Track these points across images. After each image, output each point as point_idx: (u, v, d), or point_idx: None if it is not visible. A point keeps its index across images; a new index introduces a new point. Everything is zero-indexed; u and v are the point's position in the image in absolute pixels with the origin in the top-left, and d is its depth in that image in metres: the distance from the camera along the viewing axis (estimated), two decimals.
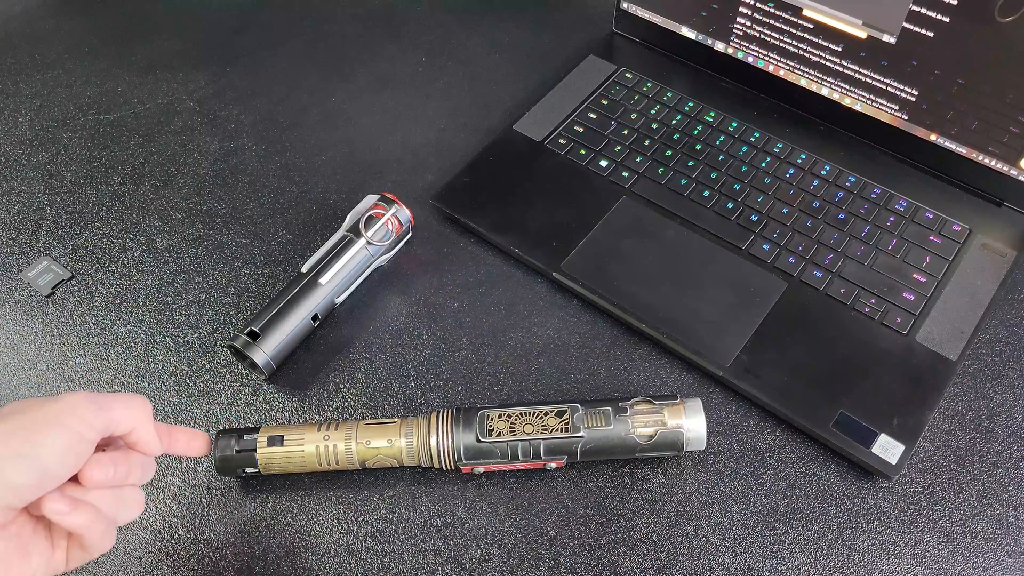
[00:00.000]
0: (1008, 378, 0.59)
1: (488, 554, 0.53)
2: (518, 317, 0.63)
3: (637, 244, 0.65)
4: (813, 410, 0.56)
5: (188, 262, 0.68)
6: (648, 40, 0.79)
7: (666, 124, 0.73)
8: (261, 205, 0.71)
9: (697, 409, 0.53)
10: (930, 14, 0.60)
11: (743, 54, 0.73)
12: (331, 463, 0.53)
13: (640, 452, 0.53)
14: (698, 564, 0.52)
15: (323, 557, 0.53)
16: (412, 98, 0.79)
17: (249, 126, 0.78)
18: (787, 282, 0.62)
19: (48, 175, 0.74)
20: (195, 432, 0.49)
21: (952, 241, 0.64)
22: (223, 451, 0.53)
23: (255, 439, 0.53)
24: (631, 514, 0.54)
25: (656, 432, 0.53)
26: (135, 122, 0.78)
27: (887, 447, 0.54)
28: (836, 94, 0.70)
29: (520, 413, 0.53)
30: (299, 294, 0.60)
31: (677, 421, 0.53)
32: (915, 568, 0.51)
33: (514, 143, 0.72)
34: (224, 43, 0.85)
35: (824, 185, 0.68)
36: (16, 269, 0.68)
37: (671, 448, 0.53)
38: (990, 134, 0.63)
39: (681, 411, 0.53)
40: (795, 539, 0.53)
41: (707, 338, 0.59)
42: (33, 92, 0.81)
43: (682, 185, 0.68)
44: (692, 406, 0.53)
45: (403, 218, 0.65)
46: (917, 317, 0.60)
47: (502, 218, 0.67)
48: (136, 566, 0.53)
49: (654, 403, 0.54)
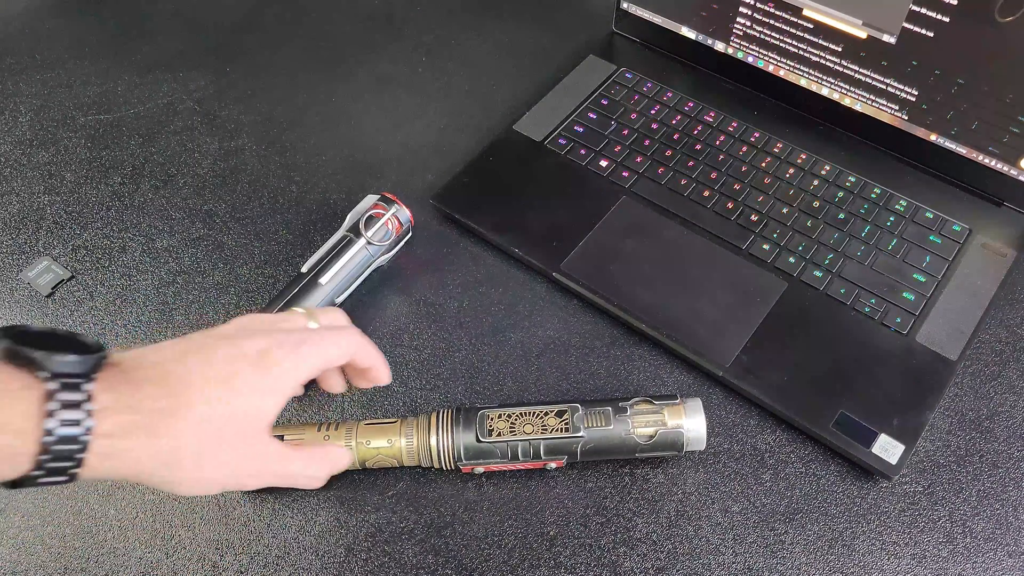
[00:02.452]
0: (1008, 378, 0.59)
1: (488, 554, 0.53)
2: (518, 317, 0.63)
3: (637, 244, 0.65)
4: (813, 410, 0.56)
5: (188, 262, 0.68)
6: (648, 40, 0.79)
7: (666, 124, 0.73)
8: (261, 205, 0.71)
9: (697, 409, 0.53)
10: (930, 14, 0.60)
11: (743, 54, 0.73)
12: None
13: (640, 452, 0.53)
14: (698, 564, 0.52)
15: (323, 557, 0.53)
16: (412, 98, 0.79)
17: (249, 126, 0.78)
18: (787, 282, 0.62)
19: (48, 175, 0.74)
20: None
21: (952, 241, 0.64)
22: None
23: None
24: (631, 514, 0.54)
25: (656, 432, 0.53)
26: (135, 122, 0.78)
27: (887, 447, 0.54)
28: (836, 94, 0.70)
29: (520, 413, 0.53)
30: (299, 294, 0.60)
31: (677, 421, 0.53)
32: (915, 568, 0.51)
33: (514, 143, 0.72)
34: (224, 43, 0.85)
35: (824, 185, 0.68)
36: (16, 269, 0.68)
37: (671, 448, 0.53)
38: (990, 134, 0.63)
39: (681, 411, 0.53)
40: (795, 539, 0.53)
41: (707, 338, 0.59)
42: (33, 92, 0.81)
43: (682, 185, 0.68)
44: (692, 406, 0.53)
45: (403, 218, 0.65)
46: (917, 317, 0.60)
47: (502, 218, 0.67)
48: (136, 566, 0.53)
49: (654, 403, 0.54)
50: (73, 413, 0.36)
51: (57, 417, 0.36)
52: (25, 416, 0.36)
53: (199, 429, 0.41)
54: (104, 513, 0.55)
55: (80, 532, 0.54)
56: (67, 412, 0.36)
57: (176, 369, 0.41)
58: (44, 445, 0.36)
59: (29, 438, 0.36)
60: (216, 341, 0.44)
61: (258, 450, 0.45)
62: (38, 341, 0.38)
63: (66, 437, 0.36)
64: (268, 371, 0.43)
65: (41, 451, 0.36)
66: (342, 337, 0.48)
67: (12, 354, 0.37)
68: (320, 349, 0.46)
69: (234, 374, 0.42)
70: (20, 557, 0.53)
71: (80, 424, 0.37)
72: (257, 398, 0.43)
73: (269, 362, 0.43)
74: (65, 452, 0.37)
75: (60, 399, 0.36)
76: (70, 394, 0.36)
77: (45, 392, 0.36)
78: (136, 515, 0.55)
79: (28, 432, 0.36)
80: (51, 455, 0.36)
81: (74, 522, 0.55)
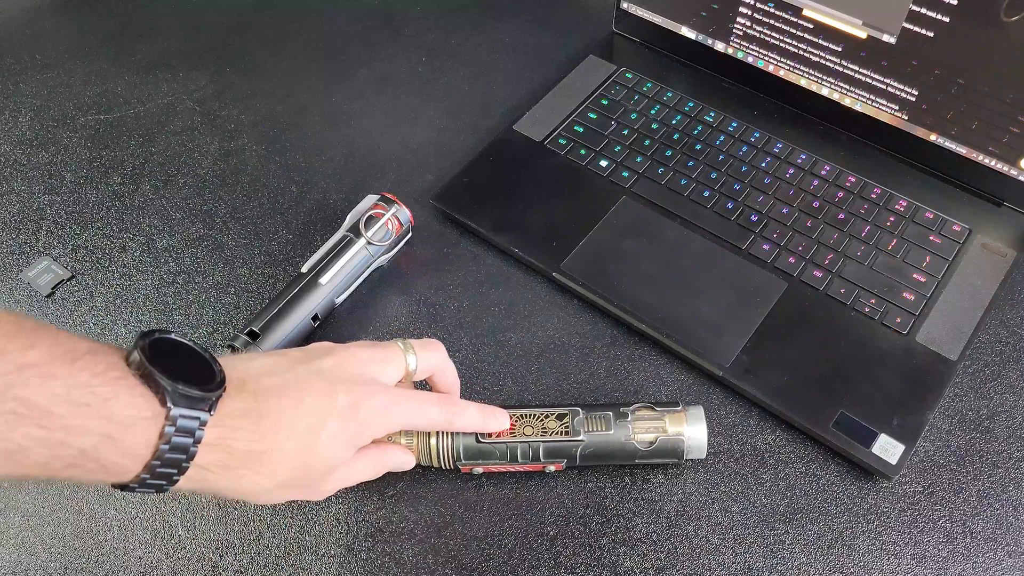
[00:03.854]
0: (1008, 378, 0.59)
1: (488, 554, 0.53)
2: (518, 317, 0.63)
3: (637, 244, 0.65)
4: (813, 410, 0.56)
5: (188, 262, 0.68)
6: (648, 40, 0.79)
7: (666, 124, 0.73)
8: (261, 205, 0.71)
9: (699, 417, 0.53)
10: (930, 14, 0.60)
11: (743, 54, 0.73)
12: None
13: (640, 458, 0.53)
14: (698, 564, 0.52)
15: (323, 557, 0.53)
16: (412, 98, 0.79)
17: (249, 126, 0.78)
18: (787, 282, 0.62)
19: (48, 175, 0.74)
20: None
21: (952, 241, 0.64)
22: None
23: None
24: (631, 514, 0.54)
25: (656, 439, 0.52)
26: (135, 122, 0.78)
27: (887, 447, 0.54)
28: (836, 94, 0.70)
29: (520, 415, 0.53)
30: (299, 294, 0.60)
31: (678, 428, 0.53)
32: (915, 568, 0.51)
33: (514, 143, 0.72)
34: (224, 43, 0.85)
35: (824, 185, 0.68)
36: (16, 269, 0.68)
37: (671, 455, 0.53)
38: (990, 134, 0.63)
39: (683, 418, 0.53)
40: (795, 539, 0.53)
41: (707, 338, 0.59)
42: (33, 92, 0.81)
43: (682, 185, 0.68)
44: (694, 414, 0.53)
45: (403, 218, 0.65)
46: (917, 317, 0.60)
47: (502, 218, 0.67)
48: (136, 566, 0.53)
49: (656, 409, 0.53)
50: (183, 440, 0.38)
51: (170, 444, 0.38)
52: (146, 444, 0.38)
53: (279, 469, 0.43)
54: (104, 513, 0.55)
55: (80, 532, 0.54)
56: (180, 438, 0.38)
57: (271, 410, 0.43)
58: (152, 467, 0.38)
59: (141, 462, 0.38)
60: (311, 379, 0.45)
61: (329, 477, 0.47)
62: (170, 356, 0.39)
63: (172, 461, 0.38)
64: (352, 425, 0.45)
65: (146, 471, 0.38)
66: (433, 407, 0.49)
67: (146, 374, 0.38)
68: (407, 419, 0.48)
69: (321, 426, 0.44)
70: (20, 557, 0.53)
71: (187, 453, 0.39)
72: (336, 449, 0.45)
73: (355, 418, 0.45)
74: (166, 474, 0.39)
75: (178, 428, 0.38)
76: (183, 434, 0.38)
77: (166, 422, 0.38)
78: (136, 515, 0.55)
79: (143, 457, 0.38)
80: (153, 476, 0.38)
81: (74, 522, 0.55)
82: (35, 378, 0.35)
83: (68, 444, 0.35)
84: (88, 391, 0.36)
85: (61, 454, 0.36)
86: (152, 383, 0.38)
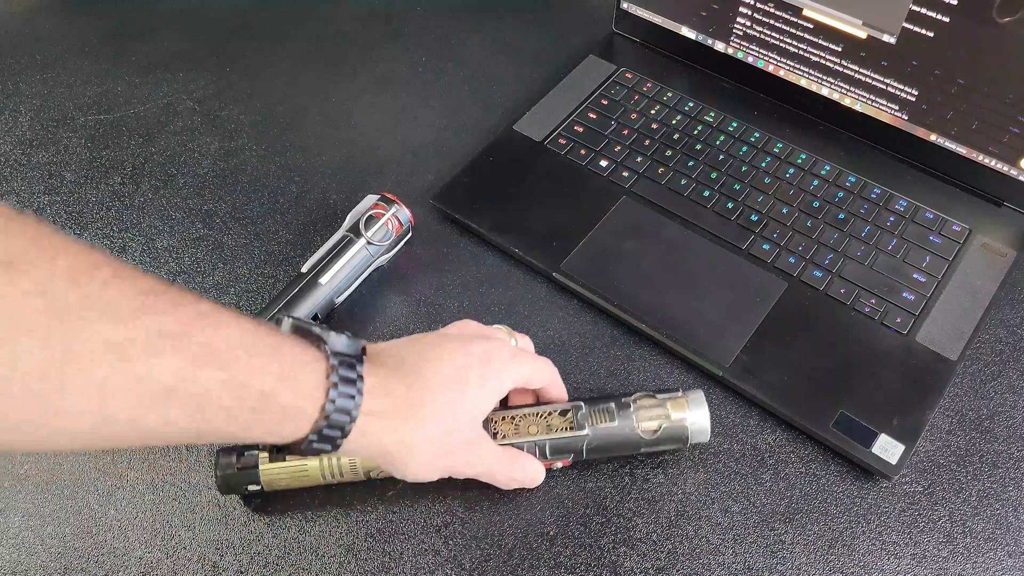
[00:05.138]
0: (1008, 378, 0.59)
1: (488, 554, 0.53)
2: (518, 317, 0.63)
3: (637, 244, 0.65)
4: (813, 410, 0.56)
5: (188, 262, 0.68)
6: (648, 40, 0.79)
7: (666, 124, 0.73)
8: (261, 205, 0.71)
9: (700, 401, 0.53)
10: (930, 14, 0.60)
11: (743, 54, 0.73)
12: (335, 475, 0.53)
13: (645, 447, 0.53)
14: (698, 564, 0.52)
15: (323, 557, 0.53)
16: (412, 98, 0.79)
17: (249, 126, 0.78)
18: (787, 282, 0.62)
19: (48, 175, 0.74)
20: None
21: (952, 241, 0.64)
22: (224, 469, 0.52)
23: (256, 455, 0.53)
24: (631, 514, 0.54)
25: (660, 426, 0.53)
26: (135, 122, 0.78)
27: (887, 447, 0.54)
28: (836, 94, 0.70)
29: (524, 414, 0.53)
30: (299, 294, 0.60)
31: (681, 414, 0.53)
32: (915, 568, 0.51)
33: (514, 143, 0.72)
34: (224, 43, 0.85)
35: (824, 185, 0.68)
36: None
37: (676, 442, 0.53)
38: (990, 134, 0.63)
39: (684, 404, 0.53)
40: (795, 539, 0.53)
41: (707, 338, 0.59)
42: (33, 92, 0.81)
43: (682, 185, 0.68)
44: (695, 398, 0.53)
45: (403, 218, 0.65)
46: (917, 317, 0.60)
47: (502, 218, 0.67)
48: (136, 566, 0.53)
49: (656, 397, 0.54)
50: (349, 388, 0.41)
51: (338, 389, 0.41)
52: (315, 386, 0.40)
53: (436, 419, 0.46)
54: (104, 513, 0.55)
55: (80, 532, 0.54)
56: (345, 386, 0.41)
57: (417, 364, 0.47)
58: (326, 412, 0.40)
59: (316, 404, 0.40)
60: (445, 341, 0.49)
61: (475, 441, 0.50)
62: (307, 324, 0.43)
63: (343, 408, 0.41)
64: (490, 371, 0.49)
65: (322, 417, 0.41)
66: (544, 364, 0.54)
67: (299, 329, 0.43)
68: (527, 366, 0.52)
69: (464, 374, 0.48)
70: (20, 557, 0.53)
71: (354, 399, 0.41)
72: (481, 395, 0.48)
73: (491, 364, 0.49)
74: (339, 422, 0.41)
75: (340, 374, 0.41)
76: (347, 371, 0.41)
77: (328, 366, 0.41)
78: (136, 515, 0.55)
79: (317, 399, 0.40)
80: (328, 423, 0.41)
81: (74, 522, 0.55)
82: (210, 327, 0.37)
83: (249, 385, 0.38)
84: (256, 339, 0.39)
85: (244, 396, 0.38)
86: (308, 335, 0.42)
